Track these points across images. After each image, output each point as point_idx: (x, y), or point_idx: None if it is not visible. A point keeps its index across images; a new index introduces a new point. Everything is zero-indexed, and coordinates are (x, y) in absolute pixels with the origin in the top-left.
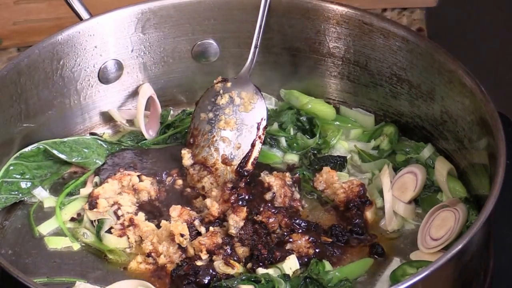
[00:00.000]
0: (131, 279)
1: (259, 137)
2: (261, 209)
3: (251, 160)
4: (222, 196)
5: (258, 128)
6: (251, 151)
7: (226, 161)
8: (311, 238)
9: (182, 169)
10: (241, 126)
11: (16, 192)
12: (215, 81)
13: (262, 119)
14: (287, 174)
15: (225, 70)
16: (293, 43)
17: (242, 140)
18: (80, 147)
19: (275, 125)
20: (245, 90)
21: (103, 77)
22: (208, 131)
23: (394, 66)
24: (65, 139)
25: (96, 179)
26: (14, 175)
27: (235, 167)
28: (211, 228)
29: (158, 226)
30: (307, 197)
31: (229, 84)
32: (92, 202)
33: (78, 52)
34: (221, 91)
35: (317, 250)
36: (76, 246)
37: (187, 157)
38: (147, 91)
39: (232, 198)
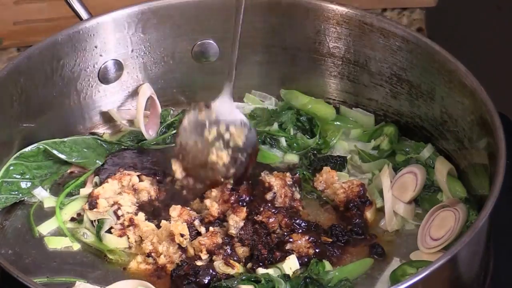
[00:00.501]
0: (131, 279)
1: (251, 161)
2: (261, 209)
3: (245, 179)
4: (221, 197)
5: (251, 155)
6: (245, 173)
7: (219, 183)
8: (311, 238)
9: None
10: (234, 157)
11: (16, 192)
12: (197, 108)
13: (255, 147)
14: (288, 174)
15: (225, 70)
16: (293, 43)
17: (237, 167)
18: (80, 147)
19: (275, 125)
20: (232, 122)
21: (103, 77)
22: (200, 157)
23: (394, 66)
24: (65, 139)
25: (96, 179)
26: (14, 175)
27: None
28: (211, 228)
29: (158, 226)
30: (307, 197)
31: (214, 115)
32: (92, 202)
33: (78, 52)
34: (207, 123)
35: (317, 250)
36: (76, 246)
37: (178, 171)
38: (147, 91)
39: (232, 198)
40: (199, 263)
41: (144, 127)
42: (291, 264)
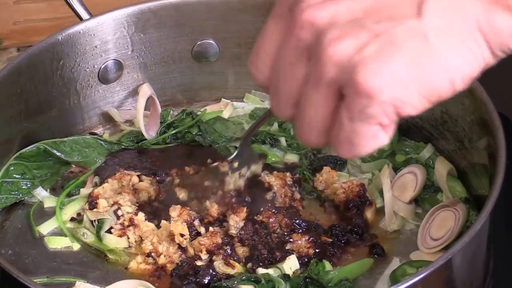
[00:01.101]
0: (131, 279)
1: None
2: (262, 209)
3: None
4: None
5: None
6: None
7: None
8: (311, 238)
9: (182, 169)
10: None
11: (16, 192)
12: (220, 165)
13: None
14: (288, 174)
15: (225, 70)
16: None
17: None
18: (80, 146)
19: (275, 125)
20: (253, 162)
21: (103, 77)
22: (212, 190)
23: None
24: (65, 139)
25: (96, 179)
26: (14, 175)
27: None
28: (211, 228)
29: (158, 226)
30: (307, 197)
31: (236, 164)
32: (92, 202)
33: (78, 52)
34: (229, 172)
35: (317, 250)
36: (76, 246)
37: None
38: (147, 91)
39: (232, 199)
40: (199, 263)
41: (144, 127)
42: (291, 264)
